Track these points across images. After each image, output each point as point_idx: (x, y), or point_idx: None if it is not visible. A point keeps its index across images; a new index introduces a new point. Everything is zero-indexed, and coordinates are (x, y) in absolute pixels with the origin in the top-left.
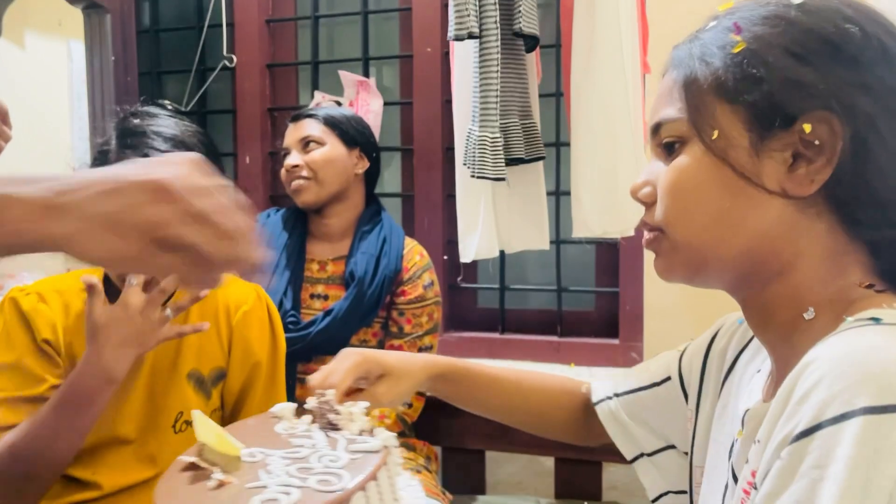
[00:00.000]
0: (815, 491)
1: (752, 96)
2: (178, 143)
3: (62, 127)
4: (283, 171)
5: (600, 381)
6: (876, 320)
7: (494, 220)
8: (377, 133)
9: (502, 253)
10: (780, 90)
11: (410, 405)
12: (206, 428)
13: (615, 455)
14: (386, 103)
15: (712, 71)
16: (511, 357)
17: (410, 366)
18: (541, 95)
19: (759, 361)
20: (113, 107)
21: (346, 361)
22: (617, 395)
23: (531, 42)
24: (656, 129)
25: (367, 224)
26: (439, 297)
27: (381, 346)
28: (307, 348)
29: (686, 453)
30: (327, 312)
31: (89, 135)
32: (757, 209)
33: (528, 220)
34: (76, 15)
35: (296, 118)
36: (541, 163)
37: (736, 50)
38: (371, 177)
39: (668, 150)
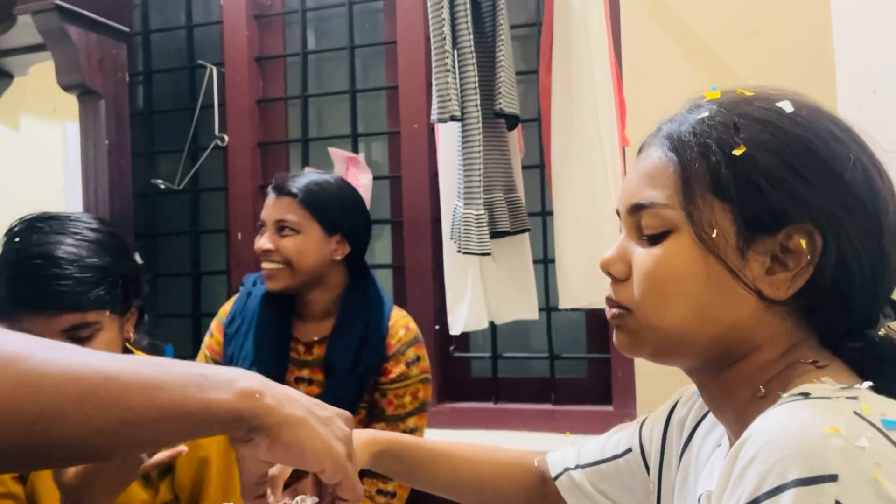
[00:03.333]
0: None
1: (746, 200)
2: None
3: (57, 208)
4: (255, 250)
5: (555, 452)
6: (805, 395)
7: (483, 291)
8: (368, 205)
9: (493, 322)
10: (773, 199)
11: (394, 495)
12: None
13: None
14: (375, 177)
15: (711, 168)
16: (506, 427)
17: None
18: (525, 167)
19: (717, 435)
20: (105, 189)
21: None
22: (580, 466)
23: (512, 121)
24: (637, 209)
25: (351, 304)
26: (427, 374)
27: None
28: None
29: None
30: None
31: None
32: (734, 304)
33: (517, 291)
34: (71, 100)
35: (278, 190)
36: (526, 234)
37: (737, 152)
38: (355, 256)
39: (651, 236)
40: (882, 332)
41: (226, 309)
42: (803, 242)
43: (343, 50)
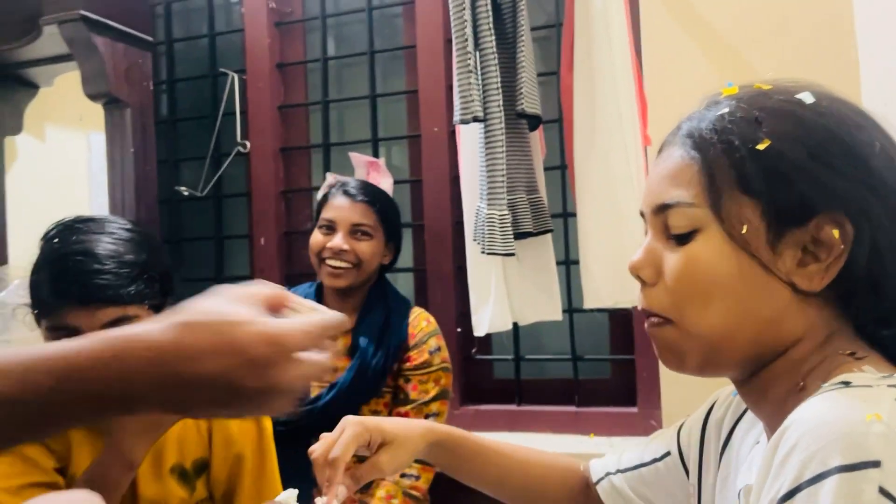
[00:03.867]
0: None
1: (774, 193)
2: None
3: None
4: (318, 244)
5: (598, 459)
6: (846, 384)
7: (506, 292)
8: None
9: (515, 324)
10: (801, 190)
11: (418, 477)
12: None
13: None
14: (396, 181)
15: (736, 164)
16: (529, 429)
17: (410, 432)
18: (547, 168)
19: (756, 432)
20: (132, 196)
21: (347, 431)
22: (620, 470)
23: (534, 122)
24: (662, 209)
25: (374, 298)
26: (447, 363)
27: (391, 414)
28: (313, 424)
29: None
30: (332, 386)
31: None
32: (769, 299)
33: (540, 292)
34: (96, 109)
35: (350, 195)
36: (549, 235)
37: (762, 146)
38: (389, 263)
39: (679, 236)
40: None
41: None
42: (836, 232)
43: (363, 55)
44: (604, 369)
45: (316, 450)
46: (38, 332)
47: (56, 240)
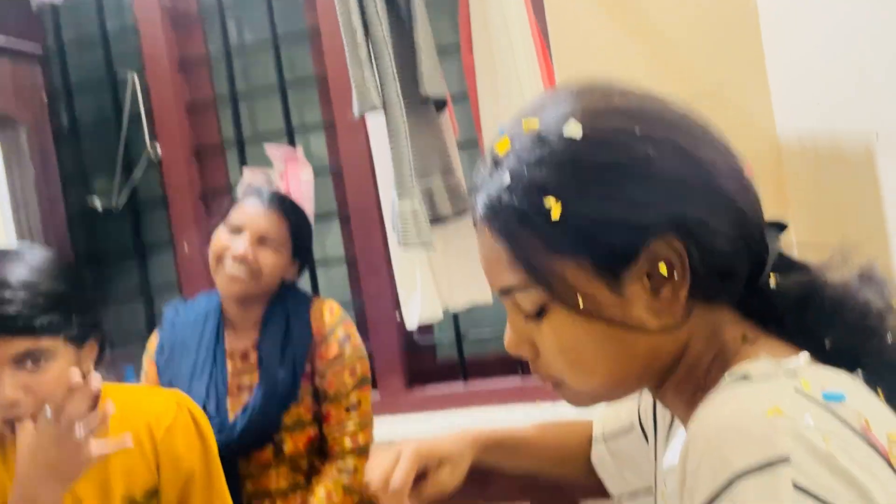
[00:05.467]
0: None
1: (589, 250)
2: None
3: None
4: (220, 246)
5: (597, 419)
6: (745, 377)
7: (433, 281)
8: (311, 203)
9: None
10: (611, 234)
11: (355, 471)
12: None
13: (593, 495)
14: (316, 172)
15: (541, 237)
16: (477, 404)
17: (462, 446)
18: (466, 147)
19: None
20: (38, 220)
21: (404, 462)
22: (605, 437)
23: (440, 103)
24: (504, 293)
25: (273, 306)
26: (360, 350)
27: (316, 417)
28: (238, 449)
29: None
30: (244, 410)
31: None
32: (641, 338)
33: (468, 276)
34: None
35: (264, 202)
36: (469, 216)
37: (555, 213)
38: (292, 279)
39: (532, 315)
40: (773, 283)
41: (153, 342)
42: (662, 266)
43: (267, 43)
44: None
45: (371, 476)
46: None
47: None
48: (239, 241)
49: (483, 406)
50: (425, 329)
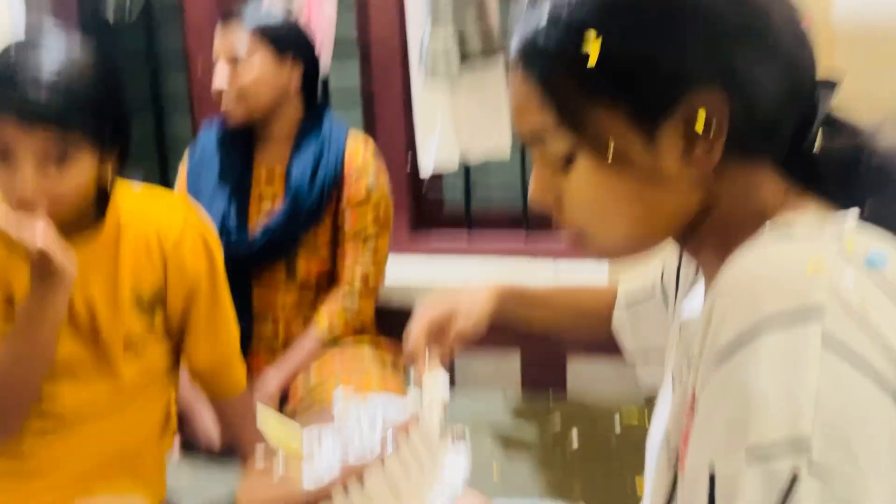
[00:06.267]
0: (746, 407)
1: (625, 91)
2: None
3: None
4: (213, 88)
5: (623, 285)
6: (787, 230)
7: (453, 129)
8: (332, 38)
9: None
10: (652, 79)
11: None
12: (271, 420)
13: (580, 348)
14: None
15: (575, 73)
16: (480, 252)
17: (480, 295)
18: None
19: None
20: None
21: (415, 323)
22: (627, 304)
23: None
24: (532, 140)
25: (306, 132)
26: (386, 193)
27: (333, 246)
28: (254, 263)
29: None
30: (266, 227)
31: None
32: (669, 194)
33: (489, 127)
34: None
35: (225, 20)
36: (501, 65)
37: (594, 53)
38: (309, 84)
39: (560, 162)
40: (818, 144)
41: (187, 154)
42: (702, 112)
43: None
44: None
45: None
46: None
47: (11, 53)
48: (217, 73)
49: (486, 256)
50: (435, 180)
